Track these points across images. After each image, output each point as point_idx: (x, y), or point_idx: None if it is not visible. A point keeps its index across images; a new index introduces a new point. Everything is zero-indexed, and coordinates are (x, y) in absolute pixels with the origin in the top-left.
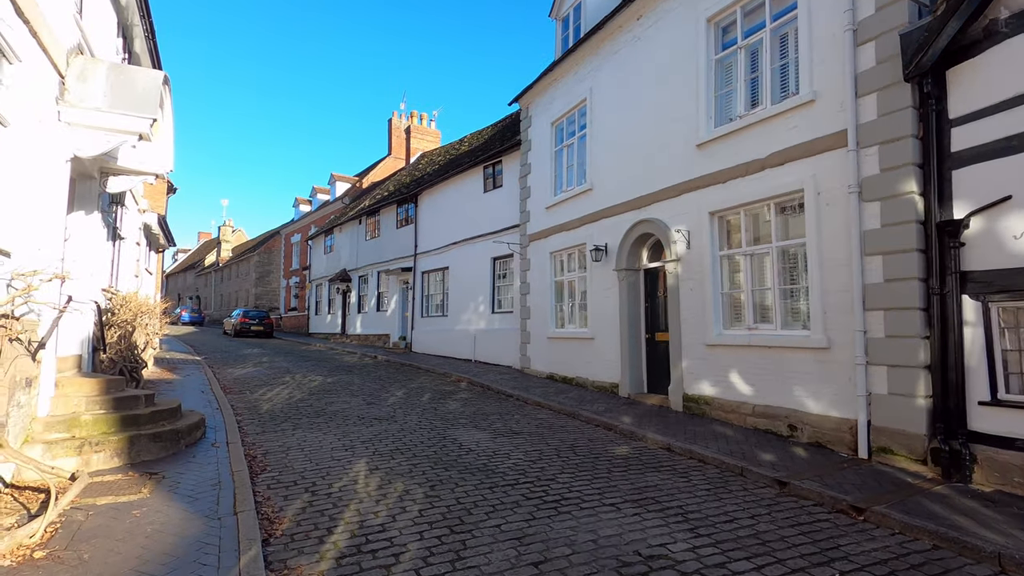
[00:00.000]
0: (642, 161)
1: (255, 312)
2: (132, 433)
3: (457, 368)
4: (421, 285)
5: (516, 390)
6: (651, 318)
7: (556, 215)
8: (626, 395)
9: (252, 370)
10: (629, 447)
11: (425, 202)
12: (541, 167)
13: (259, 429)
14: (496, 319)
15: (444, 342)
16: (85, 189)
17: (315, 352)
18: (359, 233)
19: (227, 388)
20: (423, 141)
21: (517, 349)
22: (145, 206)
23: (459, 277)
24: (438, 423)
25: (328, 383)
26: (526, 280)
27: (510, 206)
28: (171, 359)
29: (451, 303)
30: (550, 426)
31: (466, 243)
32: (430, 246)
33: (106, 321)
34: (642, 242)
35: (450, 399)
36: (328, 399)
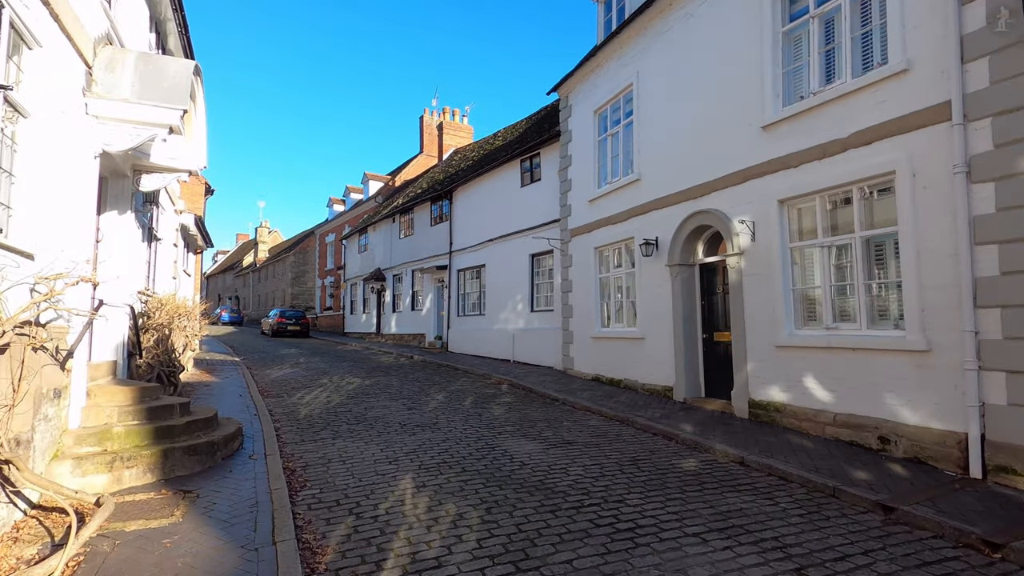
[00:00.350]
0: (697, 148)
1: (291, 312)
2: (166, 446)
3: (496, 369)
4: (457, 283)
5: (561, 393)
6: (708, 317)
7: (600, 208)
8: (681, 399)
9: (289, 371)
10: (697, 460)
11: (460, 198)
12: (583, 158)
13: (298, 438)
14: (535, 318)
15: (481, 342)
16: (118, 188)
17: (351, 352)
18: (393, 232)
19: (265, 391)
20: (455, 137)
21: (558, 349)
22: (182, 207)
23: (496, 275)
24: (484, 431)
25: (366, 386)
26: (568, 277)
27: (549, 200)
28: (211, 360)
29: (488, 301)
30: (604, 435)
31: (503, 240)
32: (465, 243)
33: (142, 325)
34: (697, 235)
35: (493, 403)
36: (367, 403)
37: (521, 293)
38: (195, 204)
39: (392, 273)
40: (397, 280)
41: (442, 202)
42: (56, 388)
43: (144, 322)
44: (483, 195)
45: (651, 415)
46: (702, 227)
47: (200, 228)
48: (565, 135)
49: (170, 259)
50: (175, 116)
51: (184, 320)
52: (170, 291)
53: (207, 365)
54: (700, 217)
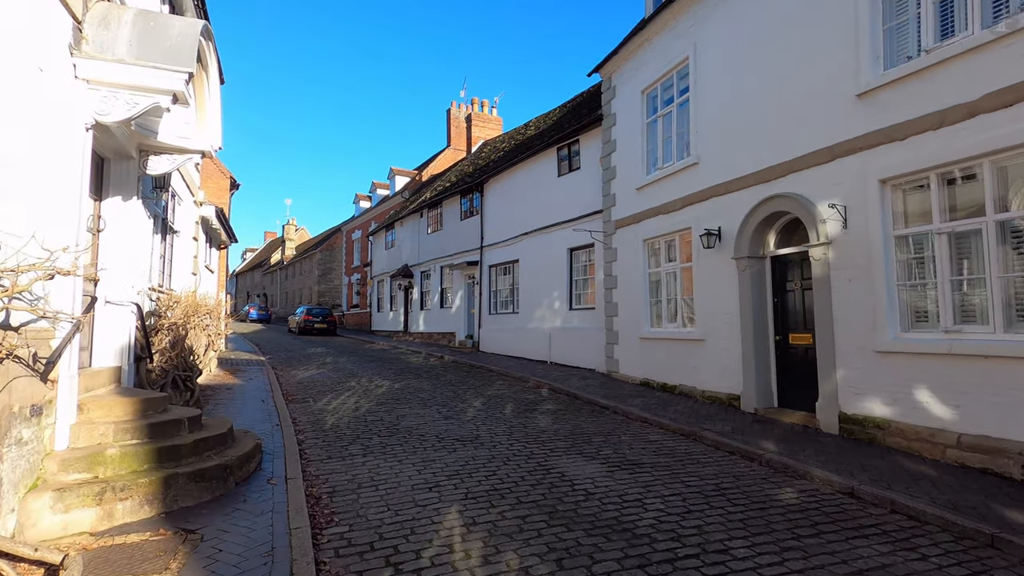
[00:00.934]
0: (770, 124)
1: (318, 309)
2: (168, 472)
3: (533, 371)
4: (488, 280)
5: (610, 400)
6: (781, 316)
7: (649, 197)
8: (751, 410)
9: (316, 372)
10: (795, 490)
11: (491, 191)
12: (629, 143)
13: (324, 454)
14: (574, 316)
15: (515, 341)
16: (122, 171)
17: (379, 352)
18: (420, 227)
19: (289, 395)
20: (484, 129)
21: (600, 350)
22: (202, 198)
23: (531, 270)
24: (534, 447)
25: (396, 389)
26: (611, 272)
27: (589, 190)
28: (235, 360)
29: (522, 299)
30: (671, 453)
31: (538, 233)
32: (498, 238)
33: (152, 325)
34: (769, 223)
35: (537, 412)
36: (398, 410)
37: (558, 290)
38: (220, 199)
39: (420, 270)
40: (425, 277)
41: (472, 195)
42: (35, 404)
43: (155, 322)
44: (516, 187)
45: (721, 429)
46: (776, 214)
47: (223, 222)
48: (608, 119)
49: (189, 254)
50: (179, 81)
51: (206, 318)
52: (190, 287)
53: (231, 365)
54: (774, 203)
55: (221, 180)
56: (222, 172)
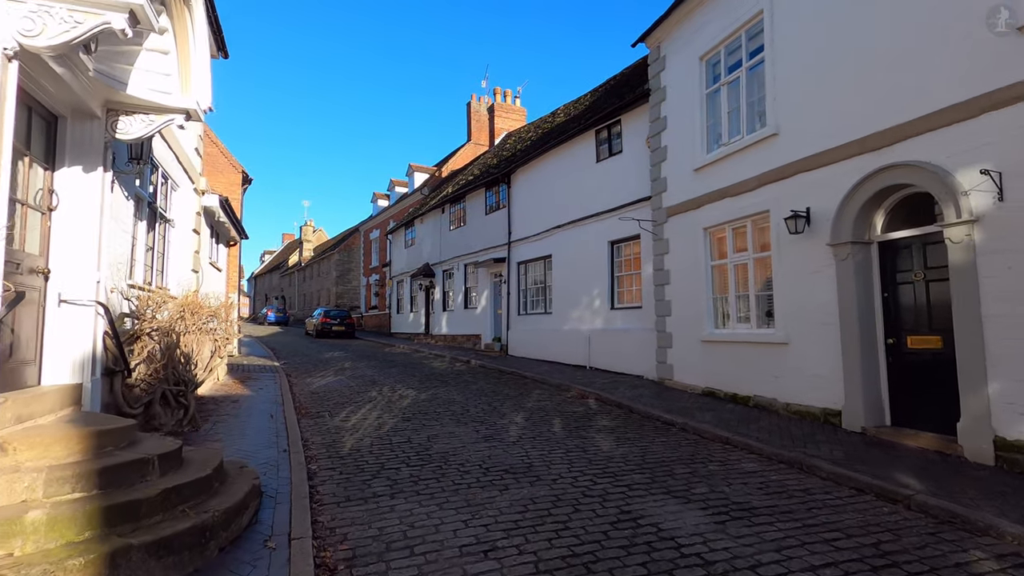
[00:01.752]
0: (879, 79)
1: (336, 311)
2: (118, 544)
3: (573, 378)
4: (517, 278)
5: (673, 414)
6: (894, 314)
7: (711, 178)
8: (857, 428)
9: (333, 380)
10: (987, 555)
11: (520, 182)
12: (682, 119)
13: (341, 492)
14: (617, 316)
15: (549, 344)
16: (82, 133)
17: (400, 356)
18: (442, 223)
19: (302, 408)
20: (508, 120)
21: (649, 354)
22: (204, 186)
23: (566, 266)
24: (605, 482)
25: (423, 401)
26: (662, 266)
27: (633, 176)
28: (247, 366)
29: (556, 298)
30: (784, 490)
31: (574, 225)
32: (527, 232)
33: (131, 331)
34: (878, 201)
35: (591, 429)
36: (428, 428)
37: (598, 287)
38: (231, 194)
39: (442, 268)
40: (447, 276)
41: (498, 187)
42: None
43: (137, 326)
44: (548, 176)
45: (831, 454)
46: (889, 189)
47: (230, 214)
48: (657, 94)
49: (188, 248)
50: None
51: (209, 321)
52: (191, 286)
53: (242, 372)
54: (888, 175)
55: (232, 174)
56: (233, 166)
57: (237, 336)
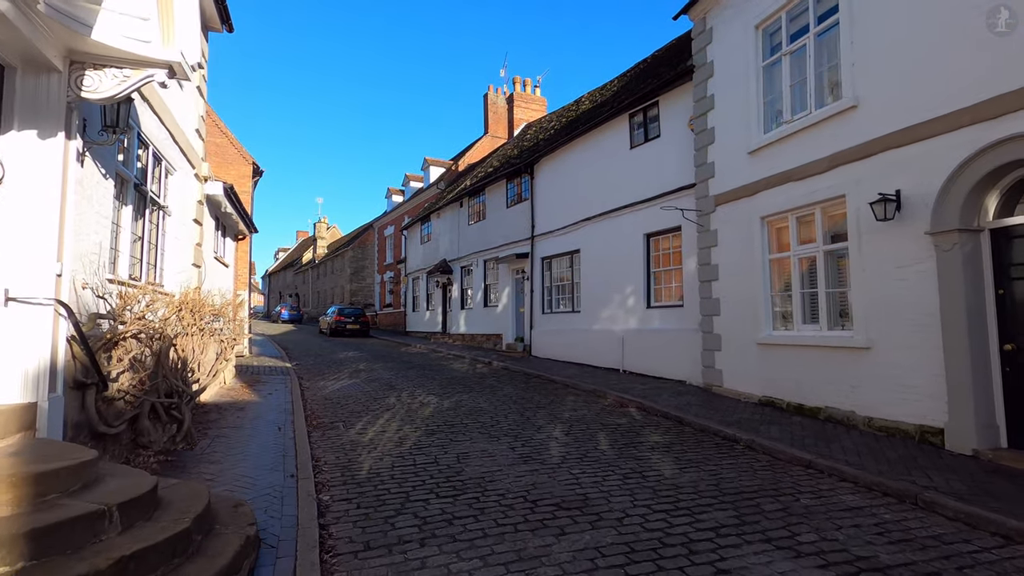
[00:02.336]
0: (994, 34)
1: (350, 309)
2: None
3: (607, 382)
4: (541, 274)
5: (734, 428)
6: (1010, 315)
7: (770, 160)
8: (967, 451)
9: (348, 383)
10: None
11: (544, 172)
12: (734, 96)
13: (359, 537)
14: (654, 316)
15: (576, 345)
16: (36, 89)
17: (417, 356)
18: (460, 217)
19: (314, 418)
20: (527, 111)
21: (692, 357)
22: (207, 172)
23: (596, 262)
24: (684, 524)
25: (446, 409)
26: (709, 260)
27: (674, 162)
28: (258, 367)
29: (585, 295)
30: (909, 537)
31: (605, 218)
32: (552, 225)
33: (107, 334)
34: (991, 181)
35: (642, 446)
36: (457, 444)
37: (633, 284)
38: (242, 187)
39: (460, 264)
40: (466, 272)
41: (520, 178)
42: None
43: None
44: (575, 165)
45: (949, 486)
46: (1007, 166)
47: (236, 205)
48: (702, 70)
49: (188, 240)
50: None
51: (214, 321)
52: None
53: (251, 375)
54: (1009, 148)
55: (242, 166)
56: (243, 157)
57: (247, 335)
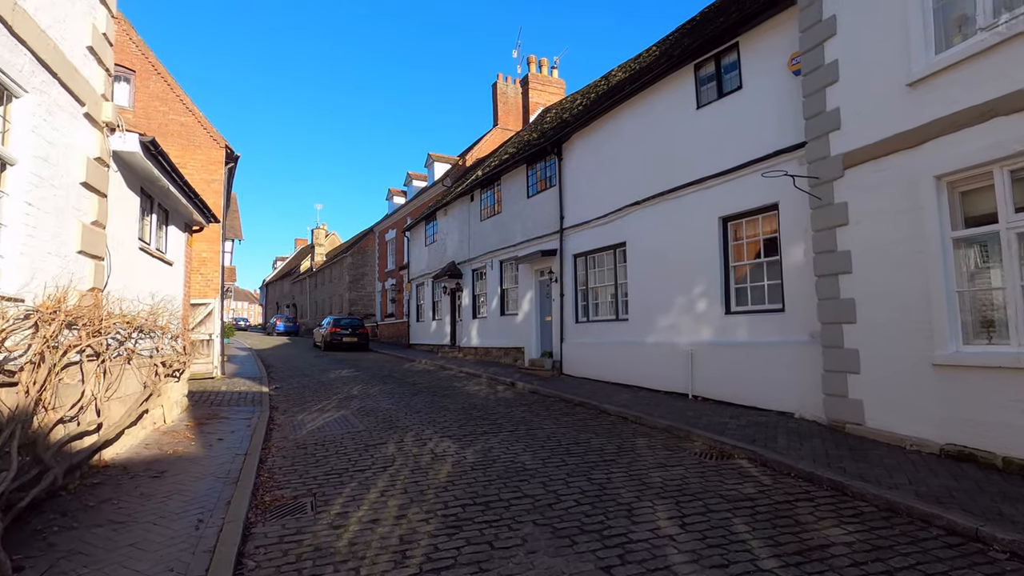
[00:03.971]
0: None
1: (348, 320)
2: None
3: (678, 414)
4: (573, 275)
5: (965, 515)
6: None
7: (951, 91)
8: None
9: (335, 417)
10: None
11: (575, 151)
12: (872, 9)
13: None
14: (738, 325)
15: (623, 362)
16: None
17: (423, 376)
18: (471, 213)
19: (269, 490)
20: (544, 94)
21: (805, 380)
22: (112, 117)
23: (648, 256)
24: None
25: (472, 467)
26: (834, 246)
27: (764, 118)
28: (225, 394)
29: (634, 299)
30: None
31: (661, 200)
32: (587, 215)
33: None
34: None
35: (837, 558)
36: (504, 559)
37: (703, 283)
38: (212, 175)
39: (471, 267)
40: (478, 276)
41: (545, 161)
42: None
43: None
44: (618, 138)
45: None
46: None
47: (170, 173)
48: None
49: (67, 213)
50: None
51: (132, 337)
52: (76, 280)
53: (211, 405)
54: None
55: (212, 150)
56: (214, 140)
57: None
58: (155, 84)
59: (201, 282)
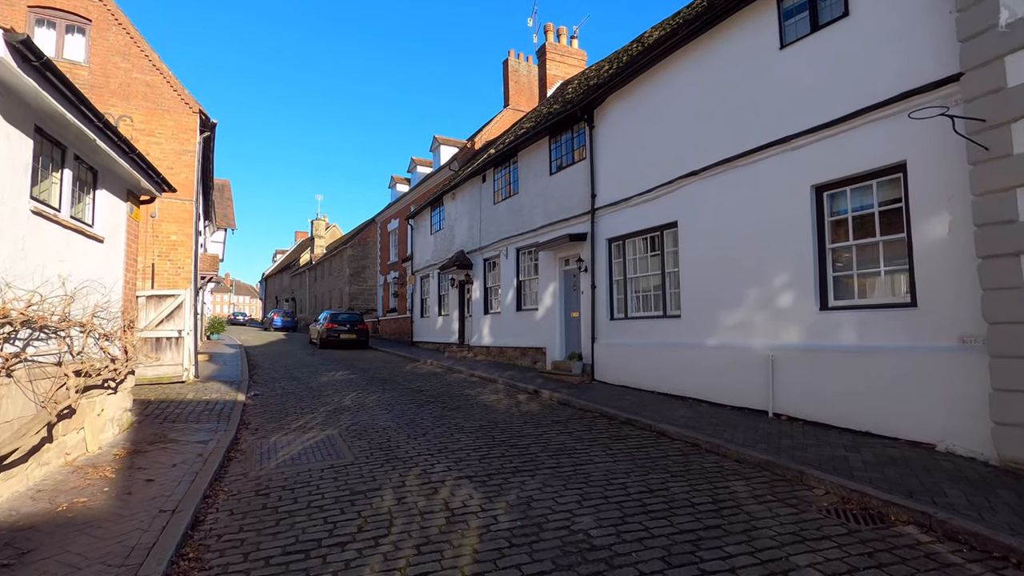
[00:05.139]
0: None
1: (346, 315)
2: None
3: (771, 442)
4: (607, 262)
5: None
6: None
7: None
8: None
9: (317, 440)
10: None
11: (611, 116)
12: None
13: None
14: (843, 324)
15: (672, 368)
16: None
17: (430, 380)
18: (482, 196)
19: None
20: (563, 66)
21: (950, 403)
22: None
23: (709, 238)
24: None
25: (509, 538)
26: (1010, 214)
27: (877, 55)
28: (189, 404)
29: (688, 292)
30: None
31: (727, 168)
32: (627, 191)
33: None
34: None
35: None
36: None
37: (787, 271)
38: (184, 146)
39: (483, 256)
40: (490, 266)
41: (573, 131)
42: None
43: None
44: (667, 96)
45: None
46: None
47: (83, 112)
48: None
49: None
50: None
51: (20, 337)
52: None
53: (164, 420)
54: None
55: (184, 115)
56: (186, 103)
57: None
58: (115, 37)
59: (170, 270)
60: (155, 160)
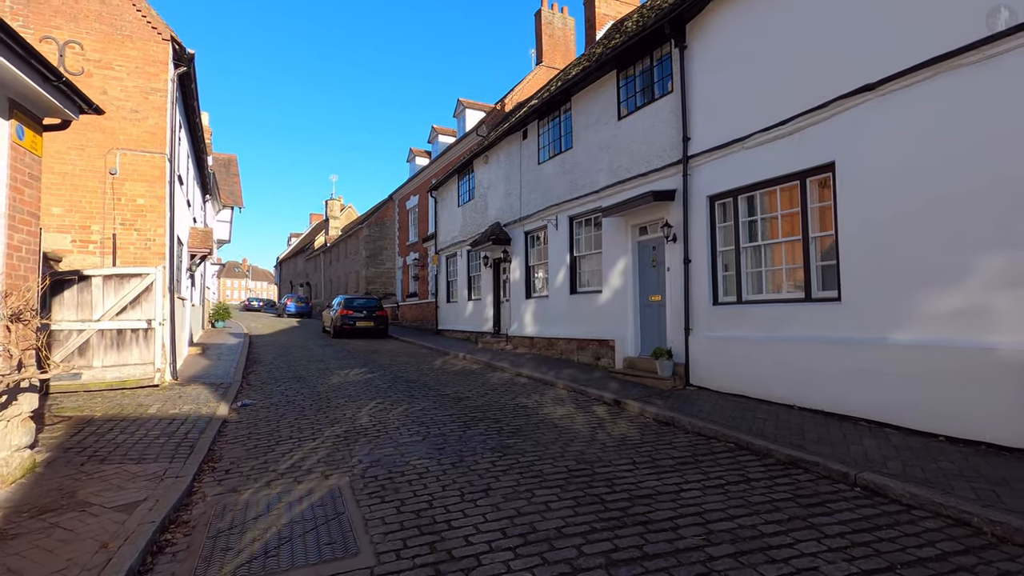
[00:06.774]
0: None
1: (362, 300)
2: None
3: None
4: (708, 228)
5: None
6: None
7: None
8: None
9: (312, 503)
10: None
11: (714, 28)
12: None
13: None
14: None
15: (822, 372)
16: None
17: (468, 381)
18: (523, 156)
19: None
20: (614, 5)
21: None
22: None
23: (896, 184)
24: None
25: None
26: None
27: None
28: (143, 422)
29: (856, 264)
30: None
31: (935, 74)
32: (741, 128)
33: None
34: None
35: None
36: None
37: None
38: (153, 81)
39: (523, 229)
40: (533, 241)
41: (653, 59)
42: None
43: None
44: None
45: None
46: None
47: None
48: None
49: None
50: None
51: None
52: None
53: (89, 459)
54: None
55: (151, 43)
56: (154, 28)
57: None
58: None
59: (136, 242)
60: (116, 100)
